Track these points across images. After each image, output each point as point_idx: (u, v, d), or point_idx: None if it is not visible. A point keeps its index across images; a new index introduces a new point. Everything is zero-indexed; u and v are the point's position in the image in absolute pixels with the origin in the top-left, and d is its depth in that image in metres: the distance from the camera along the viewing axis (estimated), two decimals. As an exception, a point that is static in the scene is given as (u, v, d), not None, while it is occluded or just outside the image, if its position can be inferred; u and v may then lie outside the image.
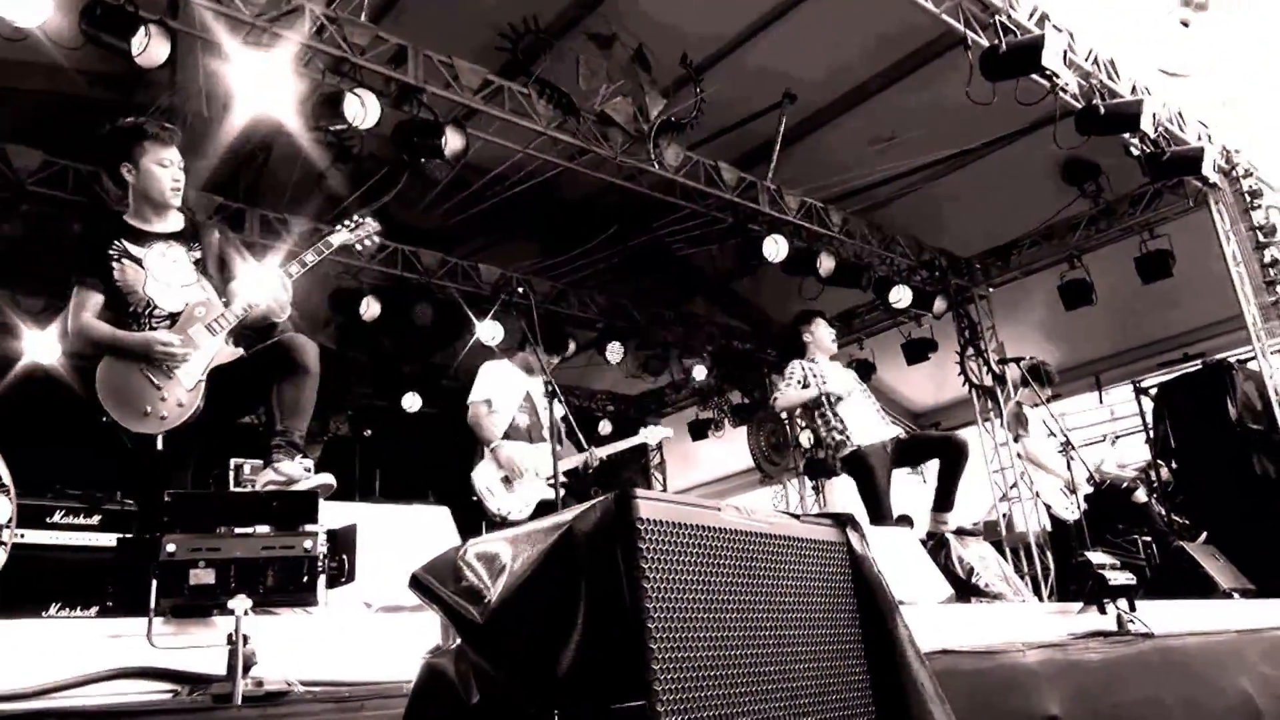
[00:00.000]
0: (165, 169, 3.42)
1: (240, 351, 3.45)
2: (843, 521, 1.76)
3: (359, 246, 3.84)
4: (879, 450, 5.92)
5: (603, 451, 5.71)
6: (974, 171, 8.98)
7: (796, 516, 1.68)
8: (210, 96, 6.31)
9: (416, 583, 1.63)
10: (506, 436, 5.58)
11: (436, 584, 1.58)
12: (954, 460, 5.95)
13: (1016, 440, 7.33)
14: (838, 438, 5.91)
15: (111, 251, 3.33)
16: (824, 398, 5.92)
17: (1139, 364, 10.83)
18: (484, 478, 5.48)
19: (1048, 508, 7.10)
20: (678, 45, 7.12)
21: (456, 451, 5.97)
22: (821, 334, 6.27)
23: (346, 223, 3.80)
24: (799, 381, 6.05)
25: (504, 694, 1.42)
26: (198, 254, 3.51)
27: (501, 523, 5.30)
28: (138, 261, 3.36)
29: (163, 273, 3.39)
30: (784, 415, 6.29)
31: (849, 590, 1.70)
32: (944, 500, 5.94)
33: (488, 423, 5.57)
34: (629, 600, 1.27)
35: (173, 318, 3.34)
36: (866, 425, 5.97)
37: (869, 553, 1.73)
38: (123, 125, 3.47)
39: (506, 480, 5.46)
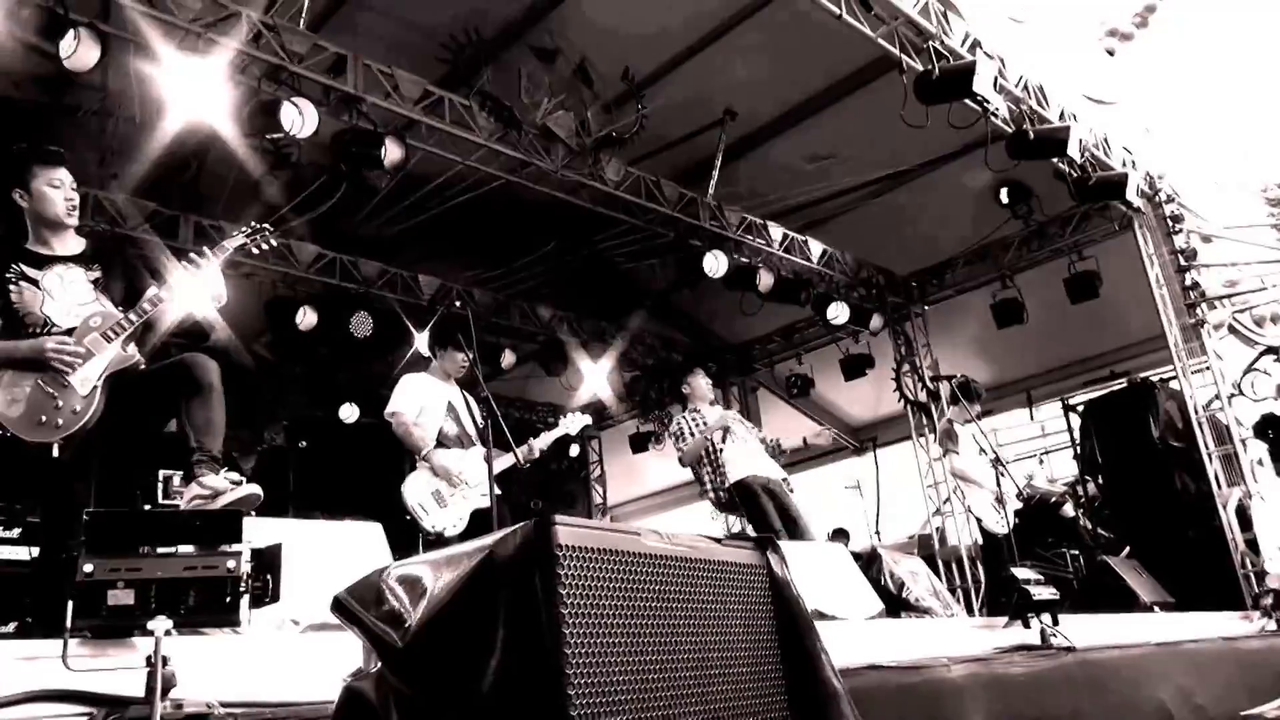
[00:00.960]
0: (57, 189, 3.41)
1: (137, 355, 3.44)
2: (763, 544, 1.79)
3: (255, 250, 3.91)
4: (759, 480, 6.14)
5: (532, 446, 5.59)
6: (910, 191, 9.15)
7: (718, 540, 1.71)
8: (143, 102, 6.19)
9: (339, 605, 1.62)
10: (438, 445, 5.45)
11: (358, 607, 1.58)
12: None
13: (945, 455, 7.48)
14: (719, 483, 6.22)
15: (9, 275, 3.33)
16: (709, 444, 6.24)
17: (1068, 381, 11.11)
18: (415, 494, 5.29)
19: (979, 522, 7.22)
20: (620, 61, 7.16)
21: (395, 463, 5.84)
22: (698, 384, 6.70)
23: (243, 228, 3.91)
24: (682, 433, 6.38)
25: (423, 718, 1.42)
26: (97, 274, 3.51)
27: (438, 539, 5.17)
28: (34, 283, 3.36)
29: (60, 293, 3.39)
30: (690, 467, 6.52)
31: (769, 612, 1.72)
32: None
33: (417, 432, 5.41)
34: (546, 626, 1.28)
35: (69, 333, 3.33)
36: (750, 461, 6.20)
37: (789, 575, 1.76)
38: (8, 152, 3.47)
39: (438, 494, 5.31)
